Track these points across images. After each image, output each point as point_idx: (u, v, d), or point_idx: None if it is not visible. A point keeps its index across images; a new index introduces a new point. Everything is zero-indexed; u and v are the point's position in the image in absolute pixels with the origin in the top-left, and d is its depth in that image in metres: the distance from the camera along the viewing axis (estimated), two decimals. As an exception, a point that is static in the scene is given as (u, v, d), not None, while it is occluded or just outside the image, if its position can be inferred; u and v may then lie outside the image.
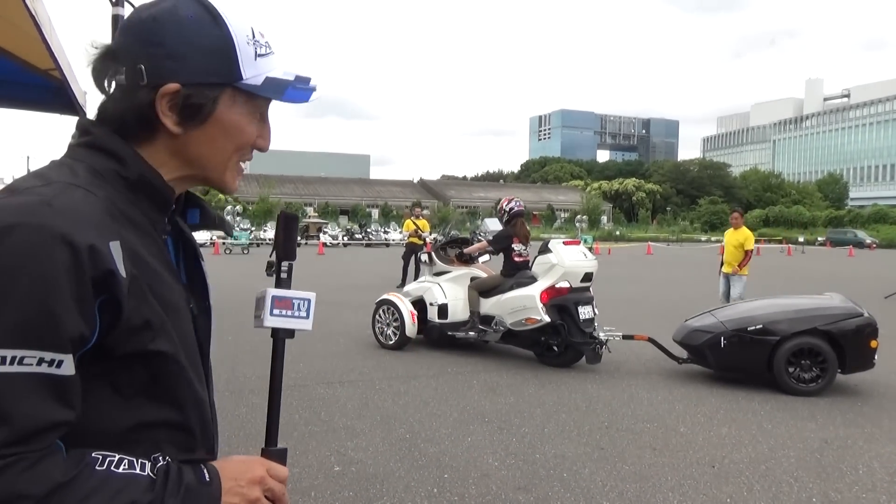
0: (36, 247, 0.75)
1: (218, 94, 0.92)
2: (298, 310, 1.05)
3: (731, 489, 3.88)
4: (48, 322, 0.75)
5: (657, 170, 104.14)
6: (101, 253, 0.79)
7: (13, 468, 0.73)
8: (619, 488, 3.87)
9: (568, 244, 7.49)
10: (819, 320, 6.16)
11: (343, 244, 41.66)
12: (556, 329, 7.00)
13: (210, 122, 0.92)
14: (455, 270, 8.04)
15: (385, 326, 7.94)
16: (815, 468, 4.26)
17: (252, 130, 0.97)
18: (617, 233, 62.23)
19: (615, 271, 21.64)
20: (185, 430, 0.93)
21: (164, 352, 0.87)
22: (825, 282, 18.46)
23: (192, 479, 0.86)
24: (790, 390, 6.02)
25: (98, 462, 0.80)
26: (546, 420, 5.18)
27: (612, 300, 12.67)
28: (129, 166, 0.90)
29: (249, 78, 0.92)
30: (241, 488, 0.90)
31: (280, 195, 66.14)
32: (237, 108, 0.94)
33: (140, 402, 0.87)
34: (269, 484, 0.94)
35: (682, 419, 5.27)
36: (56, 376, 0.77)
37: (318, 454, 4.33)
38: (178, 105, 0.90)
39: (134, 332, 0.83)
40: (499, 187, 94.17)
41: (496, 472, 4.09)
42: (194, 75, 0.90)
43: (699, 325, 6.64)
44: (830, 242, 52.52)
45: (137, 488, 0.81)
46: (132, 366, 0.85)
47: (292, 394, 5.82)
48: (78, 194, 0.83)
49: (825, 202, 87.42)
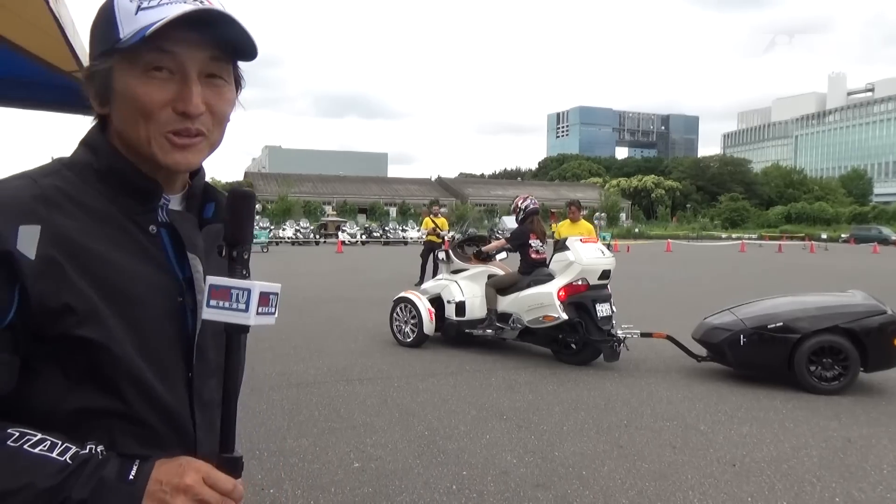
0: None
1: (110, 65, 0.89)
2: (237, 301, 0.88)
3: (752, 488, 3.85)
4: None
5: (677, 166, 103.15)
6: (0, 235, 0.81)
7: None
8: (639, 486, 3.85)
9: (585, 241, 7.48)
10: (841, 318, 6.07)
11: (361, 242, 41.81)
12: (574, 327, 6.98)
13: (115, 95, 0.90)
14: (472, 268, 8.06)
15: (403, 324, 7.97)
16: (838, 468, 4.21)
17: (149, 93, 0.88)
18: (636, 230, 61.76)
19: (634, 268, 21.49)
20: (140, 423, 0.89)
21: (91, 339, 0.84)
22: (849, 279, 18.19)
23: (112, 474, 0.81)
24: (811, 389, 5.95)
25: (12, 438, 0.79)
26: (564, 418, 5.17)
27: (632, 297, 12.59)
28: (100, 158, 0.93)
29: (127, 35, 0.87)
30: (163, 494, 0.81)
31: (299, 194, 66.50)
32: (130, 71, 0.89)
33: (87, 388, 0.86)
34: (202, 494, 0.82)
35: (702, 417, 5.23)
36: None
37: (337, 450, 4.36)
38: (88, 84, 0.92)
39: (53, 315, 0.83)
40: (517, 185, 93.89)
41: (515, 469, 4.10)
42: (96, 49, 0.91)
43: (718, 323, 6.58)
44: (854, 239, 51.68)
45: (43, 471, 0.78)
46: (71, 351, 0.84)
47: (312, 390, 5.86)
48: (13, 182, 0.87)
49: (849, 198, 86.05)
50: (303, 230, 41.95)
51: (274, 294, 0.90)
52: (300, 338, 8.24)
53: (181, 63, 0.89)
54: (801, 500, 3.70)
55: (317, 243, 40.13)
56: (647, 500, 3.67)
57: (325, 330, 8.89)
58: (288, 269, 19.49)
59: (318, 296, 12.48)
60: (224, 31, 0.89)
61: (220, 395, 0.91)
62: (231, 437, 0.90)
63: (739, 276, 18.80)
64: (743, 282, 16.47)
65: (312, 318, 9.86)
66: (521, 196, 8.22)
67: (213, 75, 0.93)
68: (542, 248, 7.72)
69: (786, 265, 24.65)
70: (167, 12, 0.85)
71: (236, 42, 0.92)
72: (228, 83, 0.95)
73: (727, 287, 15.02)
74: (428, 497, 3.67)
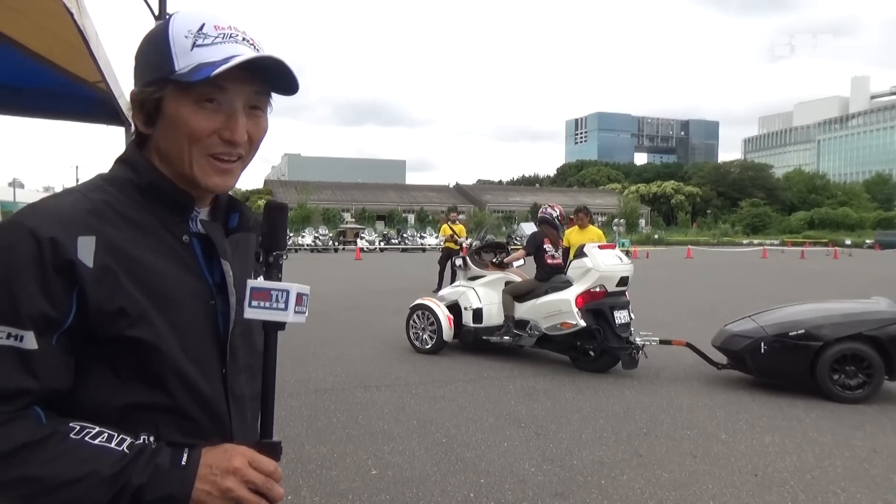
0: (8, 241, 0.89)
1: (162, 91, 0.97)
2: (276, 301, 1.00)
3: (774, 499, 3.78)
4: (11, 302, 0.87)
5: (697, 172, 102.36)
6: (61, 245, 0.89)
7: None
8: (659, 496, 3.81)
9: (603, 248, 7.45)
10: (865, 325, 5.96)
11: (380, 249, 41.96)
12: (592, 334, 6.94)
13: (161, 117, 0.99)
14: (490, 275, 8.07)
15: (420, 331, 7.97)
16: (863, 478, 4.13)
17: (199, 121, 0.97)
18: (655, 236, 61.30)
19: (654, 275, 21.32)
20: (183, 415, 0.97)
21: (143, 339, 0.93)
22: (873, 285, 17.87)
23: (166, 462, 0.91)
24: (834, 397, 5.85)
25: (74, 431, 0.88)
26: (583, 426, 5.13)
27: (652, 304, 12.49)
28: (140, 174, 1.01)
29: (183, 68, 0.95)
30: (214, 476, 0.92)
31: (318, 201, 67.01)
32: (183, 100, 0.97)
33: (135, 385, 0.94)
34: (249, 476, 0.93)
35: (723, 426, 5.16)
36: (19, 349, 0.87)
37: (355, 457, 4.36)
38: (137, 107, 0.99)
39: (109, 318, 0.91)
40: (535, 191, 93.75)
41: (533, 477, 4.07)
42: (142, 77, 0.99)
43: (738, 330, 6.50)
44: (879, 245, 50.86)
45: (105, 460, 0.87)
46: (122, 351, 0.93)
47: (330, 397, 5.88)
48: (69, 198, 0.95)
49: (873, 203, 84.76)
50: (322, 237, 42.22)
51: (306, 295, 1.02)
52: (319, 344, 8.28)
53: (230, 97, 0.98)
54: (825, 512, 3.64)
55: (336, 250, 40.35)
56: (667, 510, 3.63)
57: (344, 337, 8.92)
58: (307, 276, 19.57)
59: (336, 303, 12.53)
60: (274, 73, 0.99)
61: (250, 390, 1.06)
62: (270, 424, 1.01)
63: (761, 283, 18.56)
64: (765, 289, 16.26)
65: (331, 325, 9.90)
66: (548, 205, 8.28)
67: (255, 107, 1.02)
68: (556, 254, 7.73)
69: (809, 272, 24.29)
70: (223, 52, 0.95)
71: (282, 81, 1.01)
72: (265, 113, 1.05)
73: (749, 294, 14.83)
74: (445, 505, 3.66)
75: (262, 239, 1.05)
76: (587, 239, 8.75)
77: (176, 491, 0.89)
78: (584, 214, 9.33)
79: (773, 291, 14.93)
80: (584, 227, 9.17)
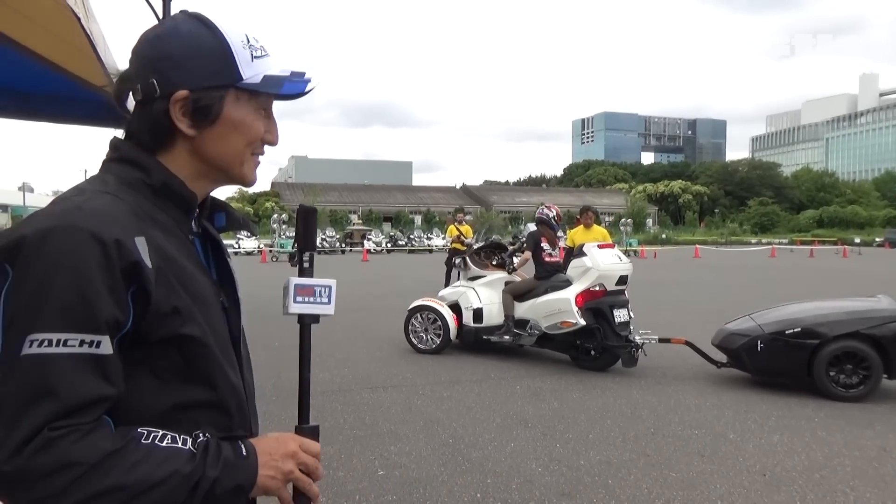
0: (71, 245, 0.86)
1: (223, 95, 1.01)
2: (320, 296, 1.12)
3: (782, 498, 3.77)
4: (86, 308, 0.85)
5: (704, 171, 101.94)
6: (126, 247, 0.89)
7: (66, 439, 0.82)
8: (666, 496, 3.80)
9: (602, 247, 7.51)
10: (862, 323, 5.94)
11: (387, 250, 42.01)
12: (592, 332, 7.00)
13: (220, 121, 1.02)
14: (490, 275, 8.14)
15: (423, 332, 8.02)
16: (872, 477, 4.10)
17: (259, 126, 1.05)
18: (663, 236, 61.10)
19: (661, 275, 21.27)
20: (222, 409, 1.01)
21: (194, 336, 0.96)
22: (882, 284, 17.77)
23: (231, 454, 0.94)
24: (831, 395, 5.84)
25: (143, 436, 0.89)
26: (590, 426, 5.12)
27: (659, 304, 12.46)
28: (152, 175, 1.01)
29: (249, 78, 1.02)
30: (275, 462, 0.98)
31: (325, 203, 67.15)
32: (242, 106, 1.03)
33: (177, 385, 0.96)
34: (302, 458, 1.02)
35: (731, 426, 5.14)
36: (96, 355, 0.86)
37: (362, 458, 4.38)
38: (189, 109, 0.99)
39: (164, 318, 0.93)
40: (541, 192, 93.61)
41: (540, 477, 4.07)
42: (199, 80, 1.00)
43: (736, 329, 6.53)
44: (889, 243, 50.51)
45: (180, 459, 0.89)
46: (167, 351, 0.94)
47: (337, 398, 5.90)
48: (106, 199, 0.94)
49: (883, 201, 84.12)
50: (329, 239, 42.27)
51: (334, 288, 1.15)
52: (326, 346, 8.29)
53: (270, 106, 1.08)
54: (833, 511, 3.62)
55: (343, 252, 40.40)
56: (674, 510, 3.62)
57: (351, 338, 8.93)
58: (314, 277, 19.59)
59: (343, 304, 12.47)
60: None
61: (252, 383, 1.13)
62: (307, 410, 1.13)
63: (769, 282, 18.47)
64: (773, 287, 16.18)
65: (338, 327, 9.92)
66: (545, 205, 8.36)
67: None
68: (554, 252, 7.83)
69: (817, 270, 24.17)
70: (275, 65, 1.05)
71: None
72: None
73: (757, 293, 14.76)
74: (452, 505, 3.66)
75: (297, 241, 1.16)
76: (592, 239, 8.76)
77: (244, 480, 0.94)
78: (590, 214, 9.33)
79: (781, 291, 14.85)
80: (590, 227, 9.17)
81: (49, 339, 0.83)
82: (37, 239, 0.86)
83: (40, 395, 0.82)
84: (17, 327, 0.84)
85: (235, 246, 37.52)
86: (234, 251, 36.65)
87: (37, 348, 0.83)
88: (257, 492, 0.97)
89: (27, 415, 0.81)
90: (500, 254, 8.47)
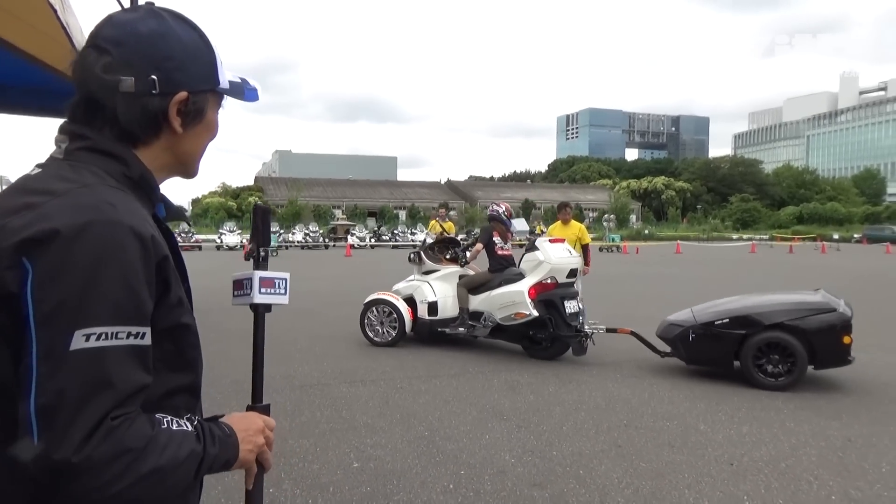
0: (115, 239, 0.90)
1: (207, 98, 1.09)
2: (279, 287, 1.25)
3: (748, 487, 3.86)
4: (134, 301, 0.90)
5: (687, 168, 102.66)
6: (158, 241, 0.95)
7: (121, 427, 0.87)
8: (635, 485, 3.87)
9: (554, 242, 7.82)
10: (785, 315, 6.15)
11: (370, 246, 41.94)
12: (544, 323, 7.28)
13: (204, 122, 1.10)
14: (444, 269, 8.31)
15: (379, 325, 8.15)
16: (836, 466, 4.21)
17: (218, 125, 1.15)
18: (646, 232, 61.53)
19: (642, 270, 21.49)
20: (195, 393, 1.10)
21: (189, 324, 1.04)
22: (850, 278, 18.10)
23: (220, 433, 1.03)
24: (758, 384, 6.07)
25: (161, 421, 0.95)
26: (565, 418, 5.20)
27: (637, 299, 12.60)
28: (132, 167, 1.03)
29: (223, 83, 1.11)
30: (251, 437, 1.09)
31: (309, 198, 66.77)
32: (214, 108, 1.12)
33: (166, 374, 1.00)
34: (268, 432, 1.14)
35: (703, 417, 5.24)
36: (141, 346, 0.92)
37: (337, 451, 4.41)
38: (185, 109, 1.05)
39: (173, 308, 0.99)
40: (526, 187, 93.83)
41: (512, 468, 4.13)
42: (196, 83, 1.06)
43: (674, 320, 6.81)
44: (867, 239, 51.28)
45: (191, 440, 0.96)
46: (163, 340, 0.98)
47: (315, 392, 5.92)
48: (120, 194, 0.97)
49: (861, 198, 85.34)
50: (312, 234, 42.12)
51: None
52: (306, 341, 8.31)
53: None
54: (797, 499, 3.71)
55: (326, 247, 40.28)
56: (642, 499, 3.69)
57: (331, 333, 8.95)
58: (296, 272, 19.41)
59: (325, 300, 12.56)
60: None
61: None
62: (261, 391, 1.28)
63: (746, 277, 18.70)
64: (748, 282, 16.37)
65: (319, 322, 9.93)
66: (494, 202, 8.77)
67: None
68: (506, 246, 8.12)
69: (795, 266, 24.50)
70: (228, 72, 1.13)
71: None
72: None
73: (732, 288, 14.89)
74: (425, 496, 3.71)
75: (254, 238, 1.27)
76: (570, 234, 8.88)
77: (232, 455, 1.04)
78: (567, 210, 9.41)
79: (755, 285, 15.03)
80: (567, 223, 9.25)
81: (103, 333, 0.87)
82: (74, 233, 0.87)
83: (99, 387, 0.86)
84: (62, 322, 0.85)
85: (218, 240, 37.33)
86: (217, 245, 36.49)
87: (94, 342, 0.86)
88: (238, 465, 1.06)
89: (89, 406, 0.85)
90: (454, 248, 8.62)
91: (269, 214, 1.30)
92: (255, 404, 1.22)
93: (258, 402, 1.23)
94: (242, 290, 1.24)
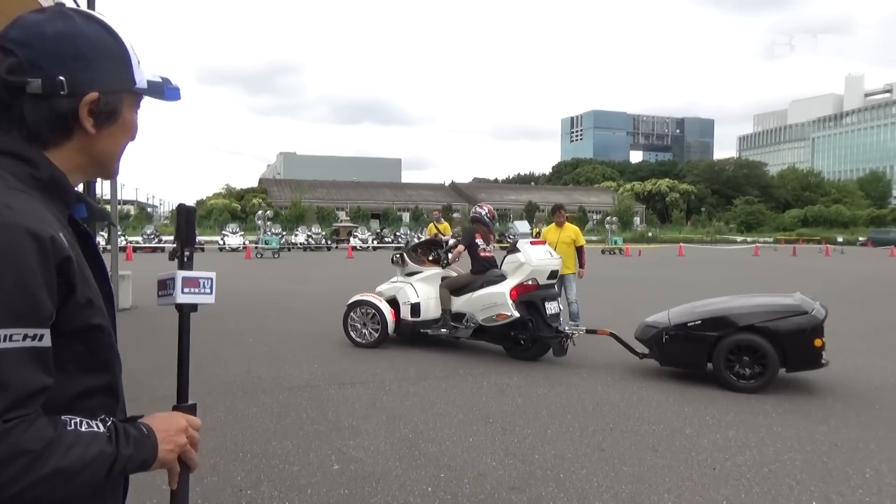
0: (9, 242, 0.88)
1: (122, 98, 1.08)
2: (204, 287, 1.23)
3: (728, 491, 3.83)
4: (30, 304, 0.89)
5: (691, 170, 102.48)
6: (59, 242, 0.93)
7: (16, 429, 0.87)
8: (615, 489, 3.85)
9: (535, 244, 7.87)
10: (756, 317, 6.14)
11: (373, 248, 41.95)
12: (525, 324, 7.34)
13: (119, 122, 1.09)
14: (426, 270, 8.34)
15: (361, 326, 8.17)
16: (819, 471, 4.18)
17: (137, 125, 1.13)
18: (649, 234, 61.40)
19: (643, 273, 21.44)
20: (113, 394, 1.09)
21: (101, 325, 1.02)
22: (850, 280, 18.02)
23: (134, 432, 1.02)
24: (729, 386, 6.08)
25: (66, 422, 0.94)
26: (550, 421, 5.18)
27: (634, 301, 12.57)
28: (40, 169, 1.02)
29: (139, 82, 1.10)
30: (171, 437, 1.08)
31: (312, 200, 66.90)
32: (131, 108, 1.11)
33: (78, 375, 1.01)
34: (191, 432, 1.13)
35: (689, 421, 5.21)
36: (39, 348, 0.91)
37: (319, 453, 4.40)
38: (96, 110, 1.04)
39: (81, 310, 0.98)
40: (529, 190, 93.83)
41: (493, 471, 4.12)
42: (108, 83, 1.05)
43: (651, 321, 6.82)
44: (872, 242, 51.12)
45: (101, 441, 0.95)
46: (72, 342, 0.98)
47: (303, 394, 5.92)
48: (21, 196, 0.95)
49: (867, 201, 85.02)
50: (315, 236, 42.18)
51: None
52: (299, 342, 8.31)
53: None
54: (776, 503, 3.69)
55: (328, 249, 40.31)
56: (621, 503, 3.67)
57: (325, 334, 8.94)
58: (296, 274, 19.61)
59: (322, 301, 12.55)
60: None
61: None
62: (186, 390, 1.25)
63: (746, 280, 18.63)
64: (748, 285, 16.30)
65: (313, 323, 9.93)
66: (478, 204, 8.79)
67: None
68: (488, 248, 8.15)
69: (797, 269, 24.40)
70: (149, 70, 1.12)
71: None
72: None
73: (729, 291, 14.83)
74: (402, 499, 3.70)
75: (177, 236, 1.25)
76: (565, 237, 8.88)
77: (149, 455, 1.03)
78: (562, 213, 9.40)
79: (755, 287, 14.98)
80: (562, 226, 9.23)
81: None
82: None
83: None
84: None
85: (221, 242, 37.38)
86: (220, 247, 36.52)
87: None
88: (157, 465, 1.06)
89: None
90: (436, 250, 8.63)
91: (194, 214, 1.28)
92: (181, 404, 1.22)
93: (183, 401, 1.23)
94: (166, 291, 1.22)
